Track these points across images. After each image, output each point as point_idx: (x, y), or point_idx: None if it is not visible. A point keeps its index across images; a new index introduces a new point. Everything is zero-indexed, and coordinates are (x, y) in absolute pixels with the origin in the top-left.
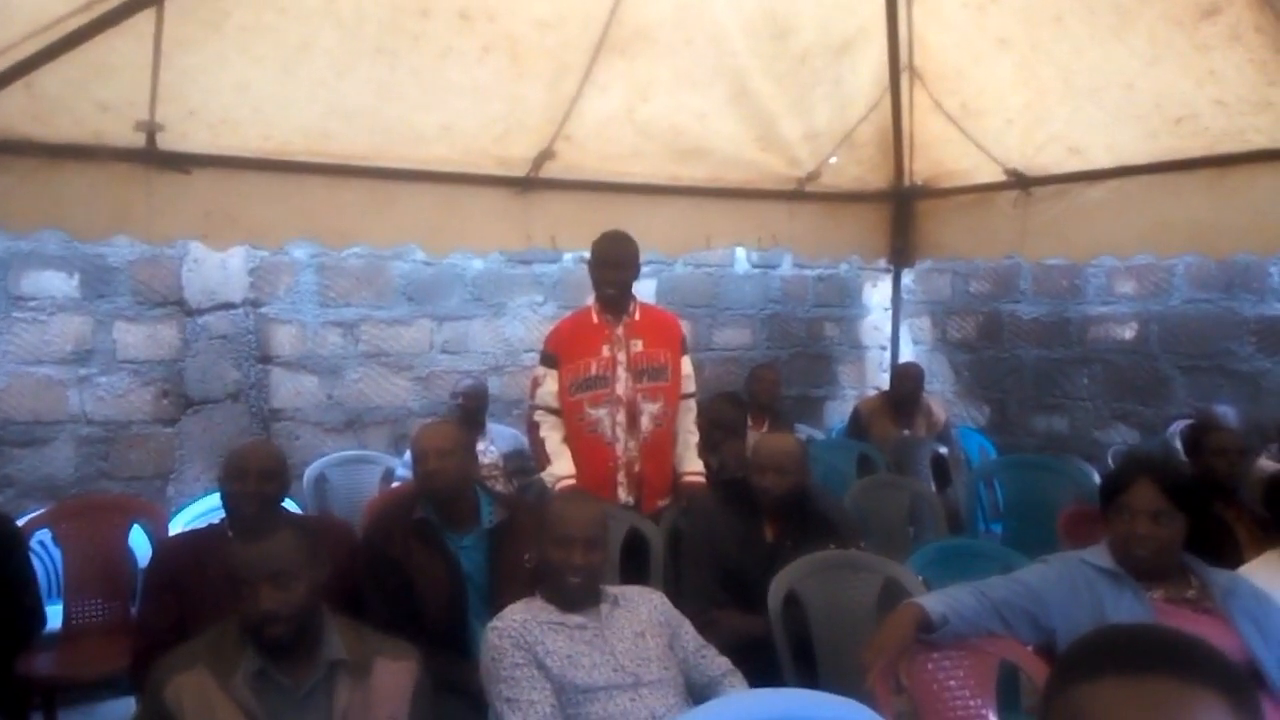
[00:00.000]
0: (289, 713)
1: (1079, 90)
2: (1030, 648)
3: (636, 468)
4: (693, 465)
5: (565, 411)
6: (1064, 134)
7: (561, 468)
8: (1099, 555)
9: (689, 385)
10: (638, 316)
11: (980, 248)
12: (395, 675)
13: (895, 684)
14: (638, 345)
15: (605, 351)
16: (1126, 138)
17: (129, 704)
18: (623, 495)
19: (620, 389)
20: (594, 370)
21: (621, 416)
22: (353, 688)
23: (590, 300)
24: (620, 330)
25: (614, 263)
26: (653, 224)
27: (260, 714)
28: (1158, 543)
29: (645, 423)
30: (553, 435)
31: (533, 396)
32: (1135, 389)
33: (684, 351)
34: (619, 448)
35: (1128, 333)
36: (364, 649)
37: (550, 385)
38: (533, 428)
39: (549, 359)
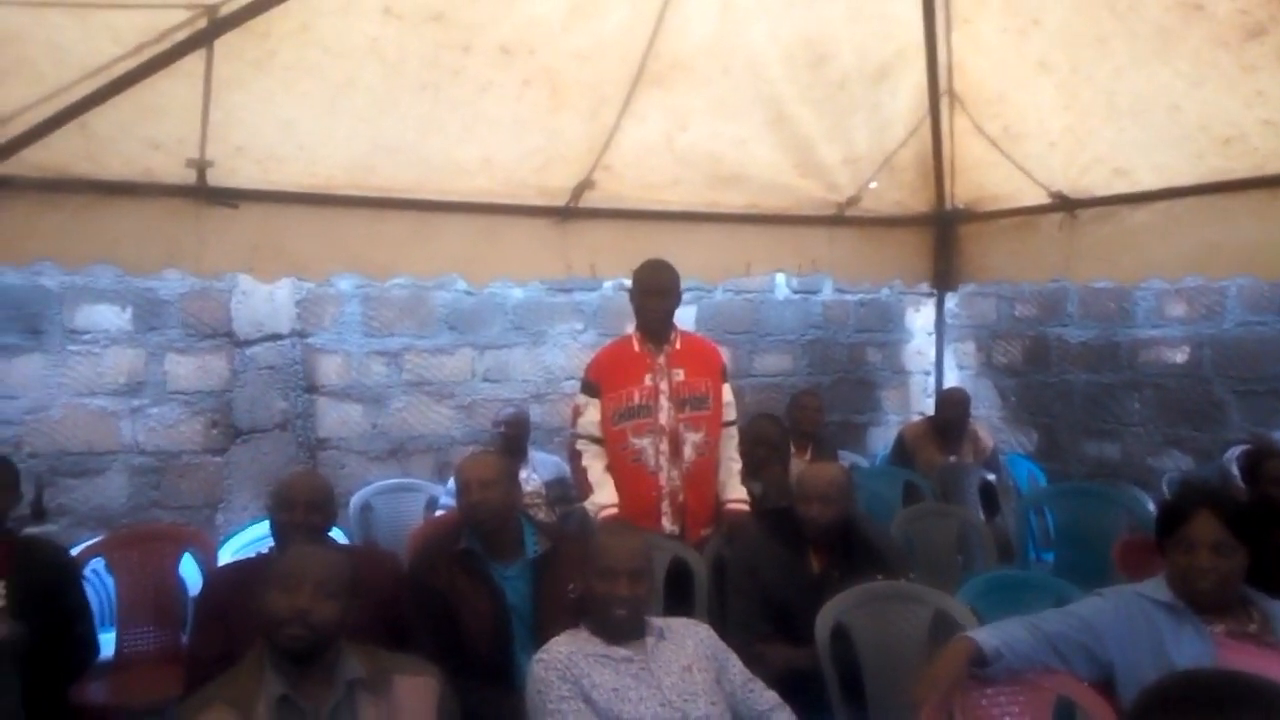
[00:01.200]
0: None
1: (1123, 112)
2: (1087, 683)
3: (680, 497)
4: (736, 493)
5: (608, 441)
6: (1109, 156)
7: (604, 497)
8: (1157, 589)
9: (730, 413)
10: (679, 345)
11: (1025, 271)
12: (417, 691)
13: None
14: (679, 374)
15: (648, 381)
16: (1173, 159)
17: None
18: (667, 525)
19: (663, 418)
20: (637, 400)
21: (664, 446)
22: (375, 705)
23: (631, 329)
24: (662, 359)
25: (657, 291)
26: (692, 251)
27: None
28: (1219, 575)
29: (688, 452)
30: (595, 464)
31: (574, 425)
32: (1188, 414)
33: (725, 379)
34: (662, 477)
35: (1180, 356)
36: (380, 668)
37: (592, 414)
38: (575, 456)
39: (591, 388)
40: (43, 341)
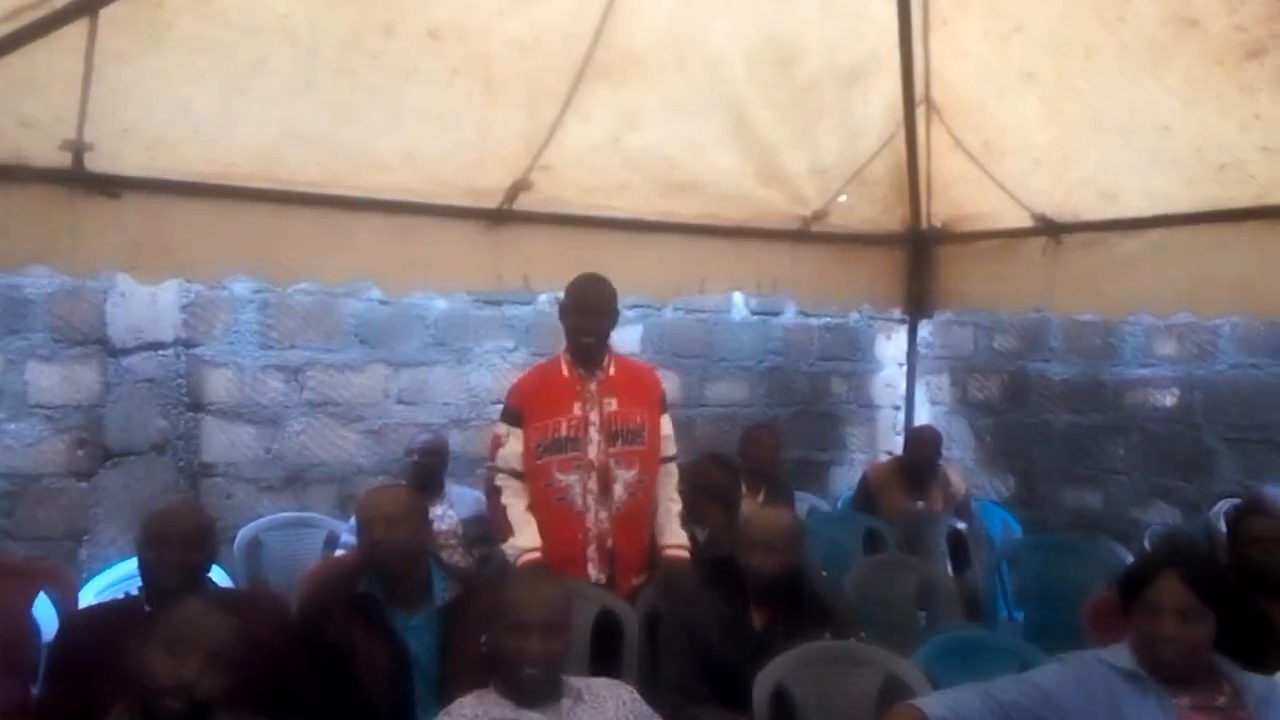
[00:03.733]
0: None
1: (1111, 130)
2: None
3: (609, 541)
4: (674, 537)
5: (530, 476)
6: (1096, 177)
7: (525, 539)
8: (1119, 655)
9: (669, 447)
10: (612, 371)
11: (1005, 299)
12: None
13: None
14: (612, 404)
15: (576, 410)
16: (1164, 184)
17: None
18: (593, 572)
19: (592, 452)
20: (564, 431)
21: (593, 483)
22: None
23: (560, 350)
24: (594, 386)
25: (592, 309)
26: (640, 264)
27: None
28: (1185, 644)
29: (619, 491)
30: (516, 503)
31: (493, 458)
32: (1177, 462)
33: (664, 410)
34: (589, 518)
35: (1169, 399)
36: None
37: (514, 446)
38: (493, 493)
39: (513, 416)
40: None
